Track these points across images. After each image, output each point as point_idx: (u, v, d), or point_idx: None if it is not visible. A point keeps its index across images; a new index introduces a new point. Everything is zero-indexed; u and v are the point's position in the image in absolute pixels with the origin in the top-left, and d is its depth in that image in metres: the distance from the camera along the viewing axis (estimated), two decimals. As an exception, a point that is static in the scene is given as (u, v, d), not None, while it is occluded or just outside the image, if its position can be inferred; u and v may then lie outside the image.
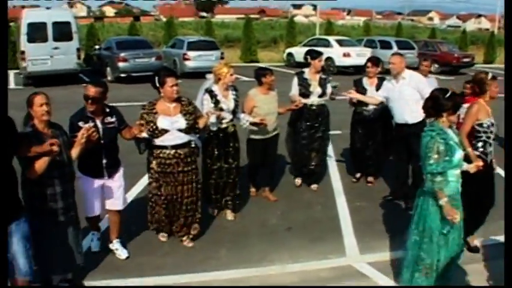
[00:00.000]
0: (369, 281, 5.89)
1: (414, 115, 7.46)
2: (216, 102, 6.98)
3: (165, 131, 6.09)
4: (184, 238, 6.62)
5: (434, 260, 5.09)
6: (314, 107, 8.40)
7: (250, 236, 7.02)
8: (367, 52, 25.38)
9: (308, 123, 8.44)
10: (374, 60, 8.72)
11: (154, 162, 6.23)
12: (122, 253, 6.31)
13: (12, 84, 22.58)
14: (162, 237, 6.73)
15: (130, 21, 36.85)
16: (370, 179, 9.16)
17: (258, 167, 8.23)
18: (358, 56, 25.02)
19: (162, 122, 6.07)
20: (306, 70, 8.47)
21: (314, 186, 8.85)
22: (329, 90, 8.44)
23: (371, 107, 8.58)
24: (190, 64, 23.63)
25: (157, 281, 5.82)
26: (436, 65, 26.99)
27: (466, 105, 7.76)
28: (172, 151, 6.17)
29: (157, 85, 6.11)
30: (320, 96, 8.38)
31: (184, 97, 6.33)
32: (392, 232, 7.09)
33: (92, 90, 5.64)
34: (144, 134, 6.02)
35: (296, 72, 8.69)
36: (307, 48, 9.64)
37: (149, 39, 28.51)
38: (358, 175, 9.26)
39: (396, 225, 7.25)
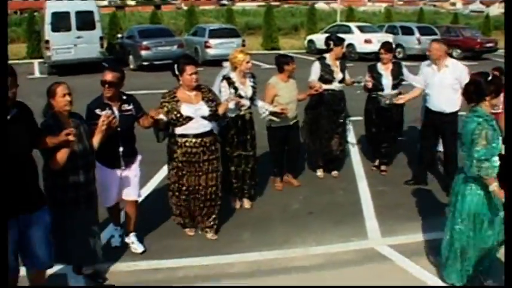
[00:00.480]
0: (391, 263, 5.96)
1: (452, 104, 7.58)
2: (234, 90, 6.98)
3: (190, 119, 6.02)
4: (208, 230, 6.59)
5: (472, 245, 5.03)
6: (336, 92, 8.42)
7: (272, 220, 7.14)
8: (389, 38, 25.19)
9: (330, 109, 8.40)
10: (387, 46, 8.67)
11: (179, 151, 6.14)
12: (137, 247, 6.21)
13: (37, 73, 23.00)
14: (190, 231, 6.65)
15: (152, 10, 37.03)
16: (383, 167, 9.07)
17: (281, 155, 8.16)
18: (380, 42, 24.78)
19: (186, 110, 6.01)
20: (327, 56, 8.43)
21: (335, 173, 8.85)
22: (347, 76, 8.53)
23: (386, 92, 8.51)
24: (211, 52, 23.71)
25: (183, 262, 5.96)
26: (459, 51, 26.85)
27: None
28: (199, 139, 6.12)
29: (177, 73, 6.09)
30: (340, 81, 8.43)
31: (203, 85, 6.33)
32: (413, 216, 7.17)
33: (109, 75, 5.65)
34: (162, 116, 5.94)
35: (318, 57, 8.67)
36: (328, 35, 9.61)
37: (170, 28, 28.67)
38: (377, 162, 9.21)
39: (418, 209, 7.37)
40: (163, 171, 7.89)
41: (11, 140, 4.13)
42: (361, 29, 26.95)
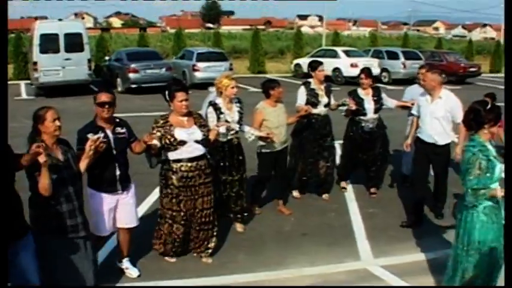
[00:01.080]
0: (383, 283, 6.06)
1: (444, 136, 7.45)
2: (220, 114, 7.01)
3: (184, 143, 6.06)
4: (203, 255, 6.58)
5: (478, 272, 5.04)
6: (322, 117, 8.51)
7: (266, 241, 7.21)
8: (374, 62, 25.67)
9: (317, 133, 8.49)
10: (366, 72, 8.82)
11: (174, 177, 6.14)
12: (132, 272, 6.19)
13: (23, 95, 22.98)
14: (170, 259, 6.57)
15: (139, 33, 37.28)
16: (373, 190, 9.14)
17: (266, 180, 8.10)
18: (366, 66, 25.22)
19: (179, 134, 6.05)
20: (311, 80, 8.56)
21: (326, 196, 8.90)
22: (332, 100, 8.63)
23: (369, 117, 8.69)
24: (199, 75, 23.86)
25: (180, 283, 6.02)
26: (443, 75, 27.19)
27: None
28: (194, 163, 6.15)
29: (167, 99, 6.17)
30: (326, 105, 8.53)
31: (194, 111, 6.37)
32: (404, 237, 7.29)
33: (106, 96, 5.63)
34: (155, 142, 5.94)
35: (303, 82, 8.81)
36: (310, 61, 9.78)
37: (158, 51, 28.84)
38: (344, 184, 9.40)
39: (408, 230, 7.47)
40: (155, 193, 7.88)
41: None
42: (347, 53, 27.31)
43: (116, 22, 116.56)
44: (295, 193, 8.91)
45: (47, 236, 4.91)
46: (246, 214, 7.63)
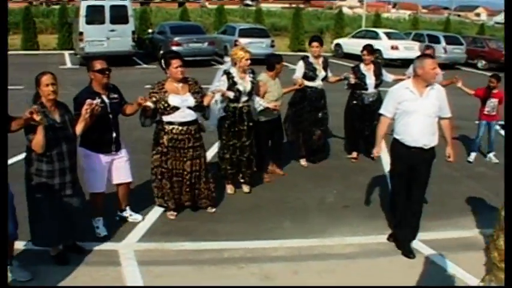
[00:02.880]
0: (422, 256, 6.24)
1: (435, 137, 6.10)
2: (233, 84, 7.40)
3: (176, 108, 6.50)
4: (204, 205, 7.19)
5: None
6: (318, 90, 9.15)
7: (309, 211, 7.50)
8: (415, 46, 25.49)
9: (312, 105, 9.11)
10: (369, 48, 9.48)
11: (165, 137, 6.62)
12: (136, 217, 6.90)
13: (68, 64, 23.50)
14: (171, 215, 7.05)
15: (181, 7, 37.50)
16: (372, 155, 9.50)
17: (266, 147, 8.55)
18: (406, 49, 25.15)
19: (173, 100, 6.47)
20: (309, 54, 9.18)
21: (318, 162, 9.61)
22: (329, 74, 9.31)
23: (370, 91, 9.43)
24: None
25: (228, 245, 6.34)
26: (484, 62, 27.04)
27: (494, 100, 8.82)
28: (184, 127, 6.61)
29: (164, 66, 6.61)
30: (323, 79, 9.18)
31: (190, 77, 6.80)
32: (441, 215, 7.47)
33: (104, 63, 6.05)
34: (149, 104, 6.35)
35: (301, 57, 9.33)
36: (355, 40, 10.26)
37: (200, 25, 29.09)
38: (355, 154, 9.97)
39: (445, 208, 7.68)
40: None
41: None
42: (389, 36, 27.11)
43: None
44: (303, 162, 9.52)
45: (37, 192, 5.39)
46: (249, 178, 8.10)
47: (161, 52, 23.41)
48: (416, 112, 5.97)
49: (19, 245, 5.82)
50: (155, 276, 5.60)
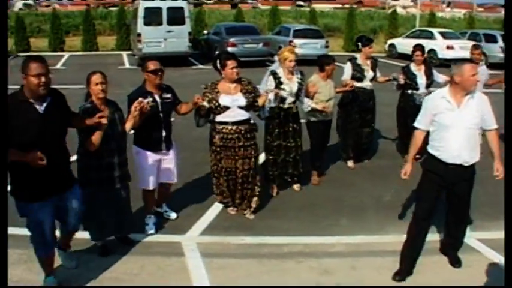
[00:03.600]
0: (479, 255, 6.30)
1: (476, 152, 5.50)
2: (279, 84, 7.44)
3: (227, 108, 6.59)
4: (245, 211, 7.19)
5: None
6: (367, 91, 9.18)
7: (366, 209, 7.63)
8: (471, 45, 25.04)
9: (361, 105, 9.13)
10: (420, 48, 9.39)
11: (217, 136, 6.72)
12: (171, 214, 7.10)
13: (127, 64, 24.18)
14: (231, 211, 7.27)
15: (235, 9, 37.91)
16: (417, 156, 9.36)
17: (320, 148, 8.57)
18: (462, 49, 24.70)
19: (223, 100, 6.57)
20: (358, 56, 9.18)
21: (367, 162, 9.69)
22: (378, 74, 9.28)
23: (421, 91, 9.21)
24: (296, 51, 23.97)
25: (287, 240, 6.53)
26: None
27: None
28: (234, 127, 6.67)
29: (219, 67, 6.69)
30: (371, 80, 9.16)
31: (244, 77, 6.88)
32: (499, 215, 7.42)
33: (157, 63, 6.25)
34: (205, 103, 6.45)
35: (349, 58, 9.35)
36: (409, 40, 10.29)
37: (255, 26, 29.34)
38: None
39: (502, 209, 7.63)
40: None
41: (46, 128, 4.64)
42: (444, 35, 26.76)
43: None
44: (350, 163, 9.51)
45: (88, 186, 5.58)
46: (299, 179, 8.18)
47: (216, 53, 23.93)
48: (454, 125, 5.32)
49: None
50: (218, 267, 5.83)
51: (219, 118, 6.70)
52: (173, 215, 7.09)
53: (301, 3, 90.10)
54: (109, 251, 6.04)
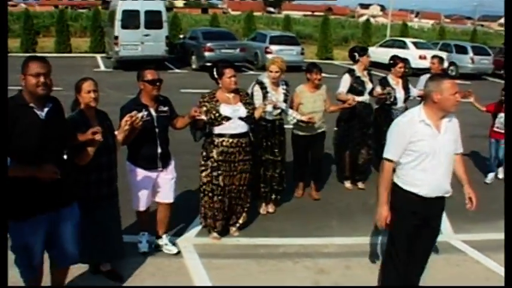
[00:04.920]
0: (465, 255, 6.60)
1: (449, 181, 4.79)
2: (265, 93, 7.11)
3: (228, 119, 6.19)
4: (232, 228, 6.87)
5: None
6: (366, 104, 8.62)
7: (354, 212, 7.88)
8: (443, 56, 25.61)
9: (362, 121, 8.57)
10: (402, 60, 9.00)
11: (215, 151, 6.27)
12: (171, 248, 6.28)
13: (102, 67, 24.09)
14: (215, 238, 6.69)
15: (212, 14, 38.15)
16: None
17: (302, 162, 8.20)
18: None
19: (224, 110, 6.19)
20: (356, 67, 8.55)
21: (361, 185, 8.96)
22: (377, 88, 8.66)
23: (400, 106, 8.79)
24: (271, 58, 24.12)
25: (282, 241, 6.73)
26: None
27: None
28: (235, 140, 6.27)
29: (216, 76, 6.31)
30: (370, 93, 8.60)
31: (241, 88, 6.53)
32: (482, 218, 7.62)
33: (155, 74, 5.70)
34: (203, 116, 6.04)
35: (347, 70, 8.72)
36: (383, 49, 10.03)
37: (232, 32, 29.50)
38: None
39: (486, 212, 7.92)
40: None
41: (48, 135, 4.25)
42: (416, 45, 27.39)
43: (179, 2, 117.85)
44: (348, 184, 8.92)
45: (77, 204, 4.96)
46: (279, 197, 7.75)
47: (192, 60, 24.02)
48: (435, 153, 4.53)
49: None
50: (216, 267, 5.97)
51: (217, 130, 6.26)
52: (174, 250, 6.28)
53: (272, 9, 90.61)
54: (119, 276, 5.66)
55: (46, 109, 4.30)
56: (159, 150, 5.87)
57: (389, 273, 5.01)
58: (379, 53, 26.76)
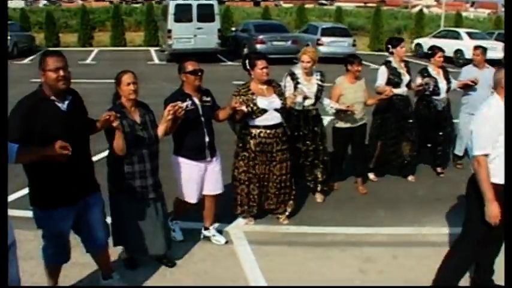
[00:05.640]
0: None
1: None
2: (297, 84, 7.18)
3: (264, 111, 6.31)
4: (281, 216, 6.99)
5: None
6: (404, 97, 8.43)
7: (402, 202, 7.92)
8: (498, 46, 25.05)
9: (399, 114, 8.37)
10: (439, 50, 8.91)
11: (252, 142, 6.41)
12: (219, 239, 6.39)
13: (156, 60, 24.58)
14: (249, 221, 6.94)
15: (264, 7, 38.34)
16: (440, 169, 9.16)
17: (340, 156, 8.17)
18: (489, 49, 24.71)
19: (261, 102, 6.29)
20: (391, 59, 8.39)
21: (411, 178, 8.84)
22: (417, 79, 8.59)
23: (443, 96, 8.69)
24: (323, 49, 24.22)
25: (329, 230, 6.87)
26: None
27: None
28: (272, 130, 6.40)
29: (248, 67, 6.41)
30: (407, 85, 8.44)
31: (273, 79, 6.59)
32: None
33: (196, 64, 5.77)
34: (243, 108, 6.06)
35: (383, 62, 8.57)
36: (436, 40, 9.76)
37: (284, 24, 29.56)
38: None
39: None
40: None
41: (70, 127, 4.36)
42: (470, 35, 26.80)
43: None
44: (372, 176, 8.85)
45: (119, 195, 5.25)
46: (322, 185, 7.69)
47: (245, 53, 24.21)
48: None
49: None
50: (265, 254, 6.14)
51: (255, 122, 6.39)
52: (222, 240, 6.39)
53: (324, 1, 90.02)
54: (136, 264, 5.76)
55: (67, 101, 4.44)
56: (207, 139, 5.89)
57: (465, 258, 5.12)
58: (432, 43, 26.43)
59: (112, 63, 21.65)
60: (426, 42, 28.28)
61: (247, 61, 6.44)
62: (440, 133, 8.84)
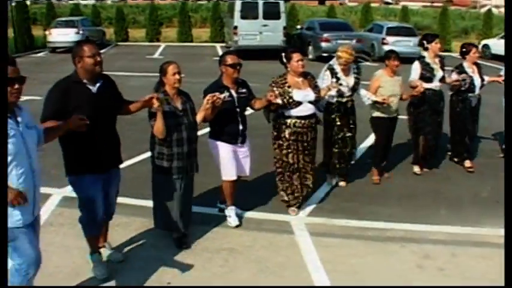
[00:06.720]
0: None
1: None
2: (336, 79, 7.56)
3: (299, 103, 6.69)
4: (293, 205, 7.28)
5: None
6: (437, 92, 8.70)
7: (464, 202, 7.93)
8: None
9: (431, 108, 8.67)
10: (475, 48, 9.07)
11: (287, 131, 6.78)
12: (232, 221, 6.80)
13: (222, 56, 25.02)
14: (292, 212, 7.22)
15: (329, 5, 38.34)
16: (468, 163, 9.29)
17: (382, 148, 8.51)
18: None
19: (297, 95, 6.66)
20: (426, 54, 8.69)
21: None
22: (447, 75, 8.79)
23: (477, 93, 8.94)
24: (388, 48, 23.92)
25: (390, 226, 6.98)
26: None
27: None
28: (306, 121, 6.78)
29: (285, 61, 6.77)
30: (440, 80, 8.69)
31: (308, 72, 6.99)
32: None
33: (236, 57, 6.30)
34: (278, 100, 6.50)
35: (417, 57, 8.90)
36: (503, 41, 9.75)
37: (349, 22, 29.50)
38: (468, 163, 9.31)
39: None
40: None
41: (99, 107, 4.91)
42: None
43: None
44: (416, 168, 9.07)
45: (161, 175, 5.82)
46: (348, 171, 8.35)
47: (309, 48, 24.39)
48: None
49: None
50: (325, 246, 6.34)
51: (291, 113, 6.78)
52: (234, 223, 6.82)
53: (389, 0, 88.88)
54: (184, 243, 6.19)
55: (98, 84, 5.01)
56: (240, 127, 6.52)
57: None
58: (501, 45, 25.82)
59: (179, 58, 21.98)
60: (495, 43, 27.63)
61: (283, 55, 6.85)
62: (469, 128, 9.11)
